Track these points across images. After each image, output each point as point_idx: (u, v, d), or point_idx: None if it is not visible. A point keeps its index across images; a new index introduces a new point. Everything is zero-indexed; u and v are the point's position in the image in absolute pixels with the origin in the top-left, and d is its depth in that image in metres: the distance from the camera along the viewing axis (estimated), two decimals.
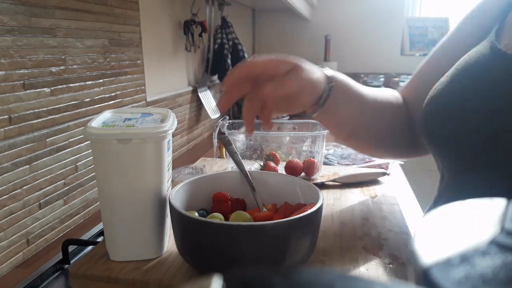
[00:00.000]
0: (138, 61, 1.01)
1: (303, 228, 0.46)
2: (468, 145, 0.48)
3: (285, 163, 0.86)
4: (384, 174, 0.85)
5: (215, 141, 0.89)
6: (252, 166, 0.87)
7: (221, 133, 0.82)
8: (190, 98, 1.38)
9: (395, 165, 1.12)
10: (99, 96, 0.85)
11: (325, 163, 1.04)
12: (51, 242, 0.73)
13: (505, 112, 0.44)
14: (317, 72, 0.56)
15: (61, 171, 0.74)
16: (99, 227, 0.77)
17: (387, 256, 0.53)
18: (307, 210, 0.47)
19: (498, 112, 0.45)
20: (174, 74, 1.28)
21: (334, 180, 0.81)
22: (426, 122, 0.54)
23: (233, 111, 1.88)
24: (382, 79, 2.16)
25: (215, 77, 1.56)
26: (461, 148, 0.49)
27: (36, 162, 0.68)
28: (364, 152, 0.79)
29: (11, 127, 0.63)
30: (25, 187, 0.66)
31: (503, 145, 0.44)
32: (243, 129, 0.89)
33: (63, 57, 0.74)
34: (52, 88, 0.71)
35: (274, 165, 0.82)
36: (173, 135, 0.56)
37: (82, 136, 0.78)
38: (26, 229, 0.67)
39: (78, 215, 0.80)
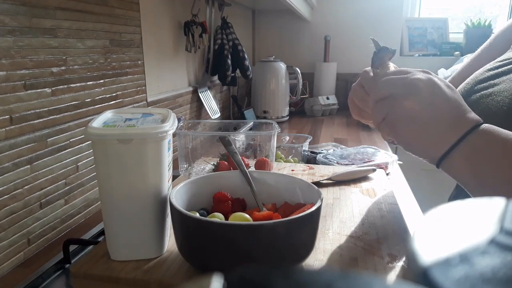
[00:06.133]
0: (139, 62, 1.01)
1: (303, 228, 0.47)
2: None
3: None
4: (374, 170, 0.87)
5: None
6: (205, 166, 0.88)
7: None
8: (190, 99, 1.38)
9: (394, 165, 1.12)
10: (100, 97, 0.85)
11: (324, 163, 1.04)
12: (52, 242, 0.73)
13: None
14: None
15: (62, 171, 0.75)
16: (100, 226, 0.77)
17: (386, 256, 0.53)
18: (307, 209, 0.47)
19: None
20: (175, 74, 1.29)
21: (329, 179, 0.83)
22: None
23: (233, 111, 1.88)
24: None
25: (215, 78, 1.56)
26: None
27: (37, 162, 0.68)
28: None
29: (12, 127, 0.63)
30: (26, 187, 0.66)
31: None
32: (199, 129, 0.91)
33: (64, 57, 0.74)
34: (53, 89, 0.71)
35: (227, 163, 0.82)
36: (173, 135, 0.56)
37: (83, 136, 0.78)
38: (27, 228, 0.67)
39: (79, 215, 0.81)
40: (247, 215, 0.51)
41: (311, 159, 1.11)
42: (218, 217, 0.53)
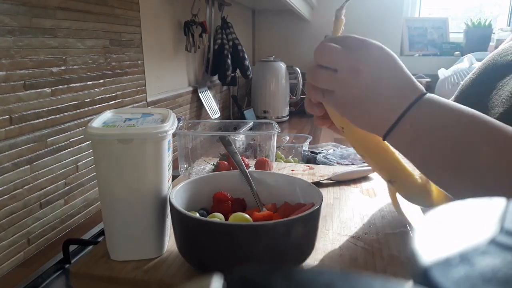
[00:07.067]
0: (139, 62, 1.01)
1: (303, 228, 0.47)
2: None
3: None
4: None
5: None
6: (205, 166, 0.88)
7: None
8: (190, 99, 1.38)
9: None
10: (100, 97, 0.85)
11: (324, 163, 1.04)
12: (51, 242, 0.73)
13: None
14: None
15: (62, 171, 0.75)
16: (99, 226, 0.77)
17: (386, 256, 0.53)
18: (307, 209, 0.47)
19: None
20: (175, 74, 1.29)
21: (329, 179, 0.82)
22: None
23: (233, 111, 1.88)
24: None
25: (215, 77, 1.56)
26: None
27: (36, 162, 0.68)
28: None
29: (12, 127, 0.63)
30: (26, 187, 0.66)
31: None
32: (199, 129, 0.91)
33: (64, 57, 0.74)
34: (52, 88, 0.71)
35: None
36: (173, 135, 0.56)
37: (83, 136, 0.78)
38: (27, 228, 0.67)
39: (79, 215, 0.81)
40: (247, 215, 0.51)
41: (311, 159, 1.11)
42: (218, 217, 0.53)
